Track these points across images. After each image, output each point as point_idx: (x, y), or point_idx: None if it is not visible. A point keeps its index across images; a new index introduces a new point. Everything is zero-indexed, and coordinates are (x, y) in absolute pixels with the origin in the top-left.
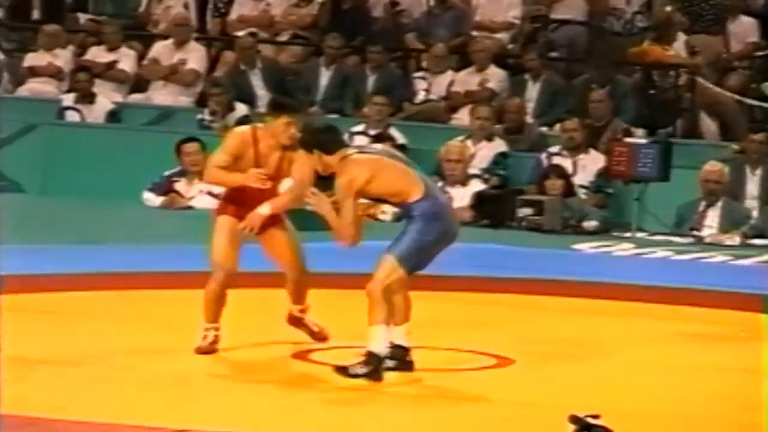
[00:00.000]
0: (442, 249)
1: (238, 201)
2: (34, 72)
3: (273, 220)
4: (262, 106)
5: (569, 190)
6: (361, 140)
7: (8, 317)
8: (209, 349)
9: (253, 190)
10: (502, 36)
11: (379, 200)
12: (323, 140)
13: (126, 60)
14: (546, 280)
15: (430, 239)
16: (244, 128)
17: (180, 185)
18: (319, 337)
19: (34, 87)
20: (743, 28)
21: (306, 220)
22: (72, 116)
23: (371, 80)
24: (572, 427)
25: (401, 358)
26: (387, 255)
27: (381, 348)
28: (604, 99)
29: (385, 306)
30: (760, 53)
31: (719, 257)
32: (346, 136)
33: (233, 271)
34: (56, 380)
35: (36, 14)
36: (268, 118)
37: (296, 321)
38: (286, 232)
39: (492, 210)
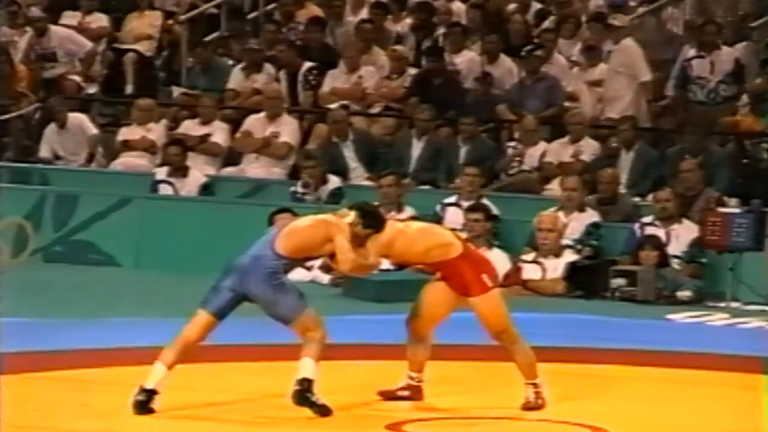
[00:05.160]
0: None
1: None
2: (127, 146)
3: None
4: (354, 177)
5: (663, 261)
6: (454, 211)
7: (102, 391)
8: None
9: None
10: None
11: None
12: None
13: (219, 133)
14: (640, 351)
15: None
16: None
17: None
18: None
19: (128, 161)
20: None
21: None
22: (165, 189)
23: (463, 151)
24: None
25: None
26: None
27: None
28: (695, 168)
29: None
30: None
31: None
32: (438, 208)
33: None
34: None
35: (129, 88)
36: None
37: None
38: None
39: (585, 281)
